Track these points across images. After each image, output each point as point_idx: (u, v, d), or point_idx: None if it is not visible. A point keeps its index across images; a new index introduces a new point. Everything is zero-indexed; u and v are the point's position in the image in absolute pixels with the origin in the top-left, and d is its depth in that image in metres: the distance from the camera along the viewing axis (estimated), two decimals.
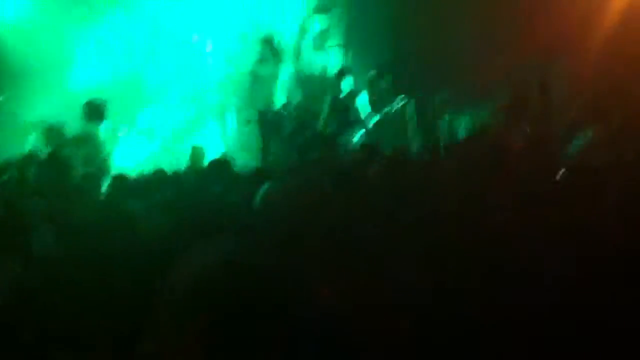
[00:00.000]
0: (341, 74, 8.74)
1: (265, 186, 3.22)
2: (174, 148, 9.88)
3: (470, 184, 4.88)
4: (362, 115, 8.85)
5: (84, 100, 8.81)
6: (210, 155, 8.08)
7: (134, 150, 9.44)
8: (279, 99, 8.80)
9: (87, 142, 7.78)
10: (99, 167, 7.82)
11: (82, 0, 10.99)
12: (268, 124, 8.76)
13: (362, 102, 8.96)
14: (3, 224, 4.71)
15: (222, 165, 5.67)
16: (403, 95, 8.51)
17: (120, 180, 5.99)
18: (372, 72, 8.72)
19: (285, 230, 2.99)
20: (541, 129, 8.41)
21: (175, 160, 9.36)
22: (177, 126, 10.18)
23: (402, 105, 8.58)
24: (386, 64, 9.27)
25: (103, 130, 8.19)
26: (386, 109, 8.52)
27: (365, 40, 11.22)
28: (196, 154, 8.71)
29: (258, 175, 5.78)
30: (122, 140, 9.86)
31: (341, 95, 8.65)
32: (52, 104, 10.46)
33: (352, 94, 8.67)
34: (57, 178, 6.36)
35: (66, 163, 6.76)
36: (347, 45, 11.38)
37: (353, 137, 8.67)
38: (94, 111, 7.94)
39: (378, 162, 5.70)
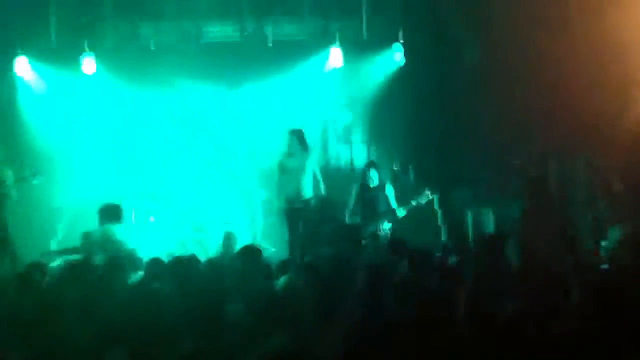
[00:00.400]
0: (369, 166, 8.86)
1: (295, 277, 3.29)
2: (203, 235, 9.95)
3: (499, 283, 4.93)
4: (386, 208, 8.91)
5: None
6: (240, 242, 8.13)
7: (164, 236, 9.50)
8: (306, 191, 8.89)
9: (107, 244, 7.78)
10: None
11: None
12: (295, 214, 8.82)
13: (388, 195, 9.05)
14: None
15: (254, 252, 5.72)
16: (430, 191, 8.59)
17: (154, 264, 6.02)
18: (397, 167, 8.85)
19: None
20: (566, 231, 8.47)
21: (204, 247, 9.44)
22: (207, 214, 10.29)
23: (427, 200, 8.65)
24: (407, 160, 9.42)
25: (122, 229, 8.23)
26: (413, 203, 8.58)
27: (387, 136, 11.48)
28: (229, 238, 8.77)
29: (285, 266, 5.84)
30: (153, 225, 9.96)
31: (370, 187, 8.73)
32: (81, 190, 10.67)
33: (379, 187, 8.77)
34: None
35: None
36: (370, 140, 11.62)
37: (378, 230, 8.71)
38: (112, 213, 8.00)
39: (406, 259, 5.75)
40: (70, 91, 11.11)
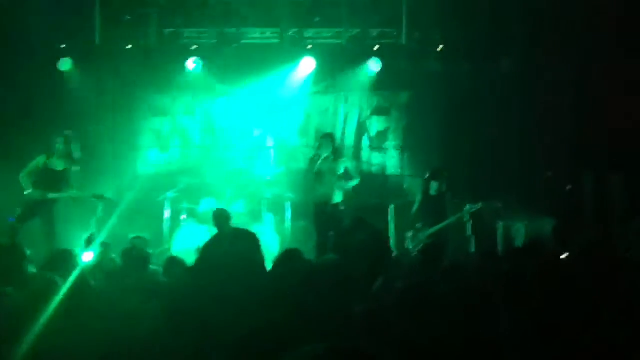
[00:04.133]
0: (431, 175, 8.57)
1: None
2: None
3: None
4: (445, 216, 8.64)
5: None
6: (266, 246, 7.94)
7: (195, 234, 9.39)
8: (337, 195, 8.69)
9: None
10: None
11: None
12: (325, 218, 8.63)
13: None
14: None
15: (293, 256, 5.51)
16: (471, 204, 8.31)
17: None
18: (433, 178, 8.57)
19: None
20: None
21: None
22: (235, 215, 10.16)
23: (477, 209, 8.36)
24: (439, 169, 9.16)
25: None
26: (453, 217, 8.30)
27: (420, 144, 11.24)
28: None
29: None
30: (184, 223, 9.88)
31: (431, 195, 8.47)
32: (118, 184, 10.67)
33: (440, 196, 8.45)
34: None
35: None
36: (404, 147, 11.39)
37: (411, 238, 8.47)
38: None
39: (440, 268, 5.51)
40: (117, 90, 11.13)
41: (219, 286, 4.69)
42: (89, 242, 6.02)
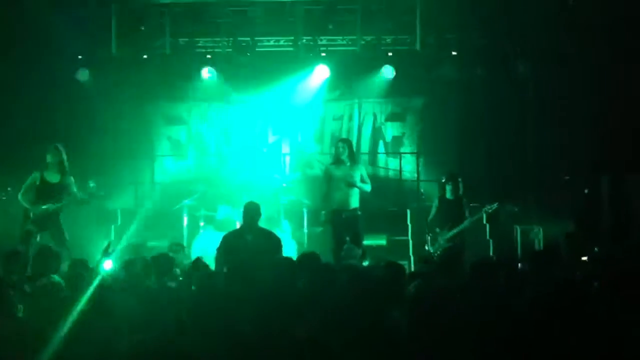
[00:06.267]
0: (448, 179, 8.50)
1: None
2: None
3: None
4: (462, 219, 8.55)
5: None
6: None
7: (214, 242, 9.37)
8: (353, 200, 8.64)
9: None
10: None
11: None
12: (341, 223, 8.57)
13: None
14: None
15: (312, 258, 5.47)
16: (489, 206, 8.24)
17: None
18: (449, 182, 8.51)
19: None
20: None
21: None
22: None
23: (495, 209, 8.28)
24: (455, 173, 9.09)
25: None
26: (470, 218, 8.22)
27: (436, 149, 11.20)
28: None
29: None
30: (202, 230, 9.88)
31: (447, 199, 8.39)
32: (135, 194, 10.70)
33: (457, 199, 8.39)
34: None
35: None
36: (419, 152, 11.35)
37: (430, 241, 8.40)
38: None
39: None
40: (133, 99, 11.18)
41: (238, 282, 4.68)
42: (106, 250, 6.01)
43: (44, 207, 7.71)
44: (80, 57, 10.97)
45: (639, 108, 9.33)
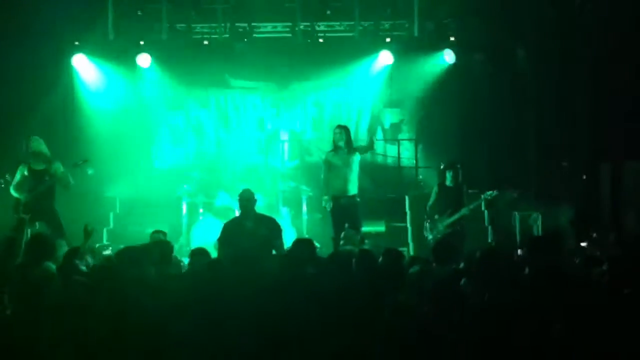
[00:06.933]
0: (447, 166, 8.47)
1: None
2: None
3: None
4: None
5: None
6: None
7: (213, 229, 9.36)
8: (352, 187, 8.62)
9: None
10: None
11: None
12: (340, 211, 8.55)
13: None
14: None
15: (308, 244, 5.46)
16: (488, 193, 8.22)
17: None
18: (448, 169, 8.48)
19: None
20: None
21: None
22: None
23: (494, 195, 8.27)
24: (454, 160, 9.07)
25: None
26: (469, 206, 8.21)
27: (435, 136, 11.18)
28: None
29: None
30: (201, 217, 9.87)
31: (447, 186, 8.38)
32: (134, 181, 10.66)
33: (456, 187, 8.38)
34: None
35: None
36: (418, 138, 11.32)
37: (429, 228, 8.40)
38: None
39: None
40: (125, 84, 11.10)
41: (237, 268, 4.67)
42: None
43: (27, 194, 7.73)
44: (76, 42, 10.88)
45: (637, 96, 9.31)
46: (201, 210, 9.90)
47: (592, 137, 10.23)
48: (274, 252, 6.87)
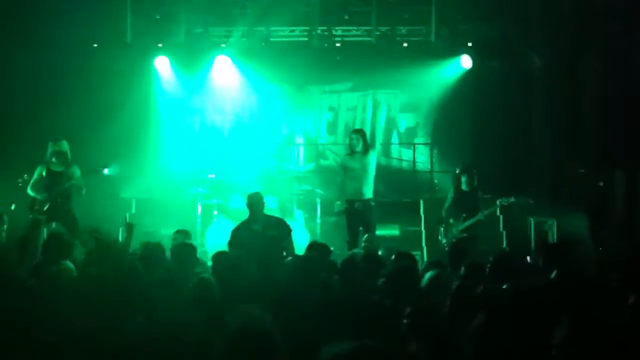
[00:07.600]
0: (463, 170, 8.47)
1: None
2: None
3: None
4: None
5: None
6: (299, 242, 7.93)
7: (227, 231, 9.40)
8: (367, 191, 8.63)
9: None
10: None
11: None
12: (355, 215, 8.57)
13: None
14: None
15: (323, 248, 5.49)
16: (505, 199, 8.22)
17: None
18: (464, 173, 8.48)
19: None
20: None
21: None
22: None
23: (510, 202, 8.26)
24: (470, 164, 9.07)
25: None
26: (486, 211, 8.20)
27: (450, 140, 11.17)
28: None
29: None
30: (215, 219, 9.93)
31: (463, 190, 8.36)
32: (147, 182, 10.74)
33: (472, 191, 8.37)
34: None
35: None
36: (433, 143, 11.33)
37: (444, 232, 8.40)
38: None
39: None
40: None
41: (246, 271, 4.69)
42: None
43: (45, 194, 7.82)
44: (95, 45, 10.98)
45: None
46: (215, 212, 9.94)
47: (607, 143, 10.18)
48: (284, 253, 6.90)
